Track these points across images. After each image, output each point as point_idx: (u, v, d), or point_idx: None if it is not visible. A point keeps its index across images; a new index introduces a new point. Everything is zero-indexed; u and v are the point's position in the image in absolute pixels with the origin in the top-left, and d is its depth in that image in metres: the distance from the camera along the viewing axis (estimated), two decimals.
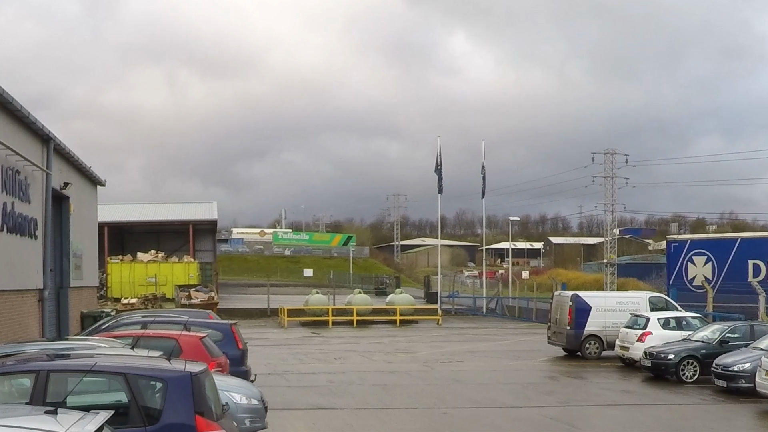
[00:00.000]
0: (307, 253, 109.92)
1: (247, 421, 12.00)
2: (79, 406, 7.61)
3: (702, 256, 34.94)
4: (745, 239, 36.63)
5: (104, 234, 48.59)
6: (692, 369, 21.82)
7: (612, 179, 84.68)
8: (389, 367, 25.04)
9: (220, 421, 8.72)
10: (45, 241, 23.56)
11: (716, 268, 34.61)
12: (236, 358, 16.46)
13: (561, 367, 25.48)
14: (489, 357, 28.15)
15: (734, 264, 34.40)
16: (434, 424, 15.98)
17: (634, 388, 21.13)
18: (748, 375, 18.64)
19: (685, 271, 35.05)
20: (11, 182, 20.12)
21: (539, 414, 17.03)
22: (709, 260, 34.83)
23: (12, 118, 20.38)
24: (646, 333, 24.40)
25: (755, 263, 34.13)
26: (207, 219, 63.85)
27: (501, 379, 22.47)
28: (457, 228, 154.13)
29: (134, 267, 53.93)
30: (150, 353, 10.62)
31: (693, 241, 36.48)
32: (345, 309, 45.28)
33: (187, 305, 39.60)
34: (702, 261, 34.80)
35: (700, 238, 38.82)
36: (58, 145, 25.00)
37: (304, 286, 63.84)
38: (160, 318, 19.24)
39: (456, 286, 59.95)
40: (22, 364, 9.19)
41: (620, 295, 28.89)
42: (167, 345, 12.98)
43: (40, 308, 23.17)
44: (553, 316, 29.53)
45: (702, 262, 34.81)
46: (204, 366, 9.24)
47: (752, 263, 34.12)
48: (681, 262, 35.12)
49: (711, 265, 34.70)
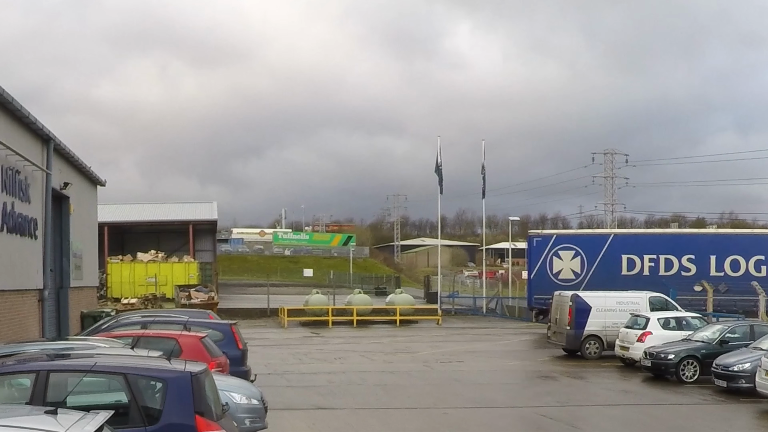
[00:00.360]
0: (307, 253, 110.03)
1: (247, 421, 12.00)
2: (79, 406, 7.61)
3: (570, 250, 35.97)
4: (618, 235, 38.51)
5: (104, 234, 48.57)
6: (692, 369, 21.82)
7: (612, 179, 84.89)
8: (389, 367, 25.04)
9: (220, 421, 8.72)
10: (45, 241, 23.57)
11: (586, 263, 35.72)
12: (236, 358, 16.45)
13: (561, 367, 25.48)
14: (489, 357, 28.14)
15: (607, 259, 35.63)
16: (434, 424, 15.98)
17: (634, 388, 21.14)
18: (748, 375, 18.64)
19: (549, 266, 36.04)
20: (11, 182, 20.12)
21: (539, 414, 17.03)
22: (578, 254, 35.87)
23: (12, 118, 20.38)
24: (646, 333, 24.40)
25: (629, 257, 35.47)
26: (207, 219, 63.85)
27: (501, 379, 22.47)
28: (457, 228, 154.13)
29: (134, 267, 53.91)
30: (150, 353, 10.62)
31: (559, 236, 37.64)
32: (345, 309, 45.25)
33: (187, 305, 39.57)
34: (570, 255, 35.85)
35: (567, 234, 40.12)
36: (58, 145, 25.00)
37: (304, 286, 63.84)
38: (160, 318, 19.24)
39: (456, 286, 59.89)
40: (22, 364, 9.19)
41: (620, 295, 28.87)
42: (167, 345, 12.98)
43: (40, 308, 23.18)
44: (553, 316, 29.53)
45: (570, 256, 35.85)
46: (204, 366, 9.24)
47: (626, 258, 35.47)
48: (545, 257, 36.09)
49: (580, 260, 35.79)
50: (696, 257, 35.65)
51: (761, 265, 35.40)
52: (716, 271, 35.31)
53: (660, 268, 35.55)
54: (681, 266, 35.59)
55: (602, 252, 35.73)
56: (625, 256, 35.70)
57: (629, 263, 35.63)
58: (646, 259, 35.69)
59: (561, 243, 36.14)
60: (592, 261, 35.62)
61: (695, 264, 35.53)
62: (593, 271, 35.59)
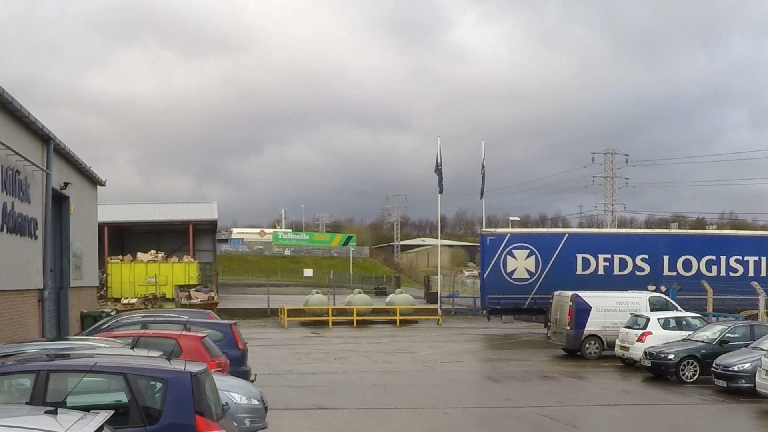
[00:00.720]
0: (307, 253, 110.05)
1: (247, 421, 12.00)
2: (79, 406, 7.60)
3: (524, 249, 36.09)
4: (573, 234, 38.90)
5: (104, 234, 48.58)
6: (692, 369, 21.82)
7: (612, 179, 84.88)
8: (389, 367, 25.04)
9: (220, 421, 8.72)
10: (45, 241, 23.57)
11: (540, 262, 35.91)
12: (236, 358, 16.46)
13: (561, 367, 25.48)
14: (489, 357, 28.14)
15: (561, 258, 35.89)
16: (434, 424, 15.98)
17: (634, 388, 21.14)
18: (748, 375, 18.63)
19: (503, 264, 36.18)
20: (11, 182, 20.12)
21: (539, 414, 17.03)
22: (533, 254, 36.02)
23: (12, 118, 20.39)
24: (646, 333, 24.40)
25: (584, 257, 35.90)
26: (207, 219, 63.87)
27: (501, 379, 22.47)
28: (457, 228, 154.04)
29: (134, 267, 53.93)
30: (150, 353, 10.62)
31: (513, 235, 37.75)
32: (345, 309, 45.24)
33: (187, 305, 39.56)
34: (524, 255, 35.99)
35: (521, 233, 40.32)
36: (58, 145, 25.01)
37: (304, 286, 63.84)
38: (160, 318, 19.26)
39: (456, 286, 59.87)
40: (22, 364, 9.19)
41: (620, 295, 28.89)
42: (167, 345, 12.98)
43: (40, 308, 23.18)
44: (553, 316, 29.54)
45: (524, 255, 35.98)
46: (204, 366, 9.24)
47: (581, 257, 35.89)
48: (499, 255, 36.23)
49: (534, 259, 35.96)
50: (649, 257, 36.11)
51: (712, 264, 35.98)
52: (669, 271, 35.82)
53: (614, 267, 35.93)
54: (635, 266, 35.98)
55: (557, 251, 35.98)
56: (580, 255, 36.03)
57: (584, 263, 35.96)
58: (601, 258, 36.05)
59: (515, 242, 36.30)
60: (547, 260, 35.80)
61: (649, 264, 35.97)
62: (548, 270, 35.77)
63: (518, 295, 35.49)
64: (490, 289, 36.30)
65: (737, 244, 36.84)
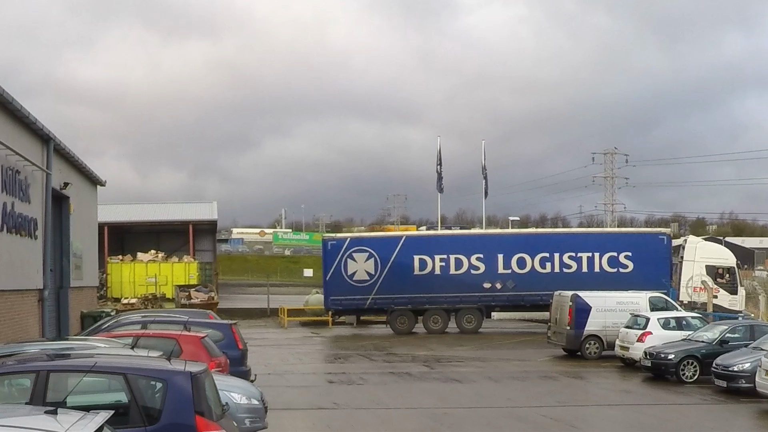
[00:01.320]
0: (307, 253, 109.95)
1: (247, 421, 12.00)
2: (79, 406, 7.61)
3: (363, 252, 37.02)
4: (410, 237, 40.31)
5: (104, 234, 48.54)
6: (692, 369, 21.81)
7: (612, 179, 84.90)
8: (389, 367, 25.04)
9: (220, 421, 8.72)
10: (45, 241, 23.56)
11: (379, 264, 36.89)
12: (236, 358, 16.46)
13: (561, 367, 25.48)
14: (489, 357, 28.13)
15: (399, 260, 36.87)
16: (434, 424, 15.98)
17: (634, 388, 21.14)
18: (748, 375, 18.63)
19: (344, 267, 37.14)
20: (11, 182, 20.12)
21: (539, 414, 17.03)
22: (372, 256, 36.95)
23: (12, 118, 20.38)
24: (646, 333, 24.38)
25: (421, 258, 36.92)
26: (207, 219, 63.85)
27: (501, 379, 22.46)
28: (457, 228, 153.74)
29: (134, 267, 53.90)
30: (150, 353, 10.62)
31: (353, 239, 39.04)
32: None
33: (187, 305, 39.57)
34: (363, 257, 36.90)
35: (361, 236, 41.77)
36: (58, 145, 25.01)
37: (304, 286, 63.80)
38: (160, 318, 19.27)
39: None
40: (22, 364, 9.19)
41: (620, 295, 28.90)
42: (167, 345, 12.98)
43: (40, 308, 23.18)
44: (553, 316, 29.54)
45: (363, 258, 36.90)
46: (204, 366, 9.24)
47: (418, 258, 36.92)
48: (340, 259, 37.17)
49: (373, 261, 36.90)
50: (485, 256, 37.17)
51: (546, 261, 37.09)
52: (504, 269, 37.03)
53: (450, 267, 37.04)
54: (470, 265, 37.03)
55: (395, 253, 36.96)
56: (417, 256, 37.06)
57: (421, 263, 36.99)
58: (437, 259, 37.10)
59: (355, 246, 37.32)
60: (386, 262, 36.81)
61: (484, 263, 37.05)
62: (387, 271, 36.79)
63: (359, 296, 36.80)
64: (333, 291, 37.53)
65: (570, 242, 38.12)
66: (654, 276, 35.24)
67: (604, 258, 36.92)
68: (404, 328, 36.84)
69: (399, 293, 34.11)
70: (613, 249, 37.04)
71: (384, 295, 36.16)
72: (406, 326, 36.95)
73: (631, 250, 36.97)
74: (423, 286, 35.77)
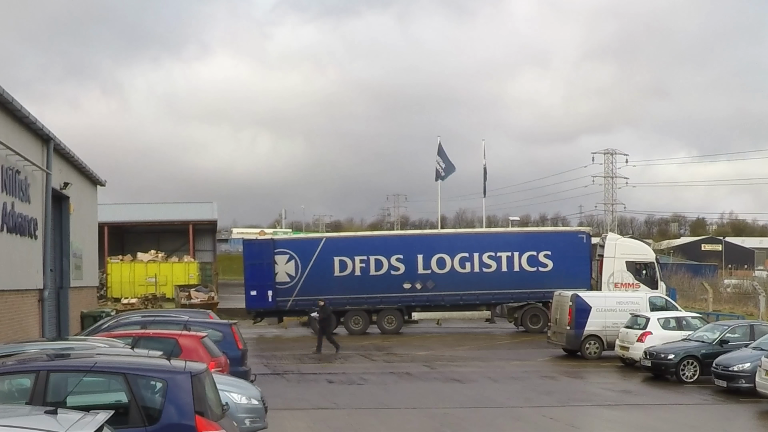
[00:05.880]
0: None
1: (247, 421, 12.00)
2: (79, 406, 7.61)
3: (284, 255, 37.06)
4: (330, 238, 40.58)
5: (104, 234, 48.55)
6: (692, 369, 21.81)
7: (612, 179, 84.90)
8: (389, 367, 25.03)
9: (220, 421, 8.72)
10: (45, 241, 23.57)
11: (300, 266, 36.94)
12: (236, 358, 16.46)
13: (561, 367, 25.48)
14: (489, 357, 28.12)
15: (319, 261, 36.94)
16: (434, 424, 15.98)
17: (634, 388, 21.13)
18: (748, 375, 18.63)
19: (266, 269, 37.13)
20: (11, 182, 20.13)
21: (539, 414, 17.03)
22: (292, 258, 36.99)
23: (12, 118, 20.39)
24: (646, 333, 24.38)
25: (341, 259, 37.03)
26: (207, 219, 63.87)
27: (501, 379, 22.46)
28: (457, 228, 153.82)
29: (134, 267, 53.85)
30: (150, 353, 10.62)
31: (277, 241, 38.93)
32: None
33: (187, 305, 39.57)
34: (284, 260, 36.94)
35: (282, 239, 41.53)
36: (58, 145, 25.01)
37: None
38: (160, 318, 19.27)
39: None
40: (22, 364, 9.20)
41: (620, 295, 28.95)
42: (167, 345, 12.99)
43: (40, 308, 23.19)
44: (553, 316, 29.54)
45: (284, 260, 36.94)
46: (204, 366, 9.25)
47: (338, 260, 37.01)
48: (262, 261, 37.16)
49: (294, 263, 36.92)
50: (404, 257, 37.11)
51: (465, 261, 37.07)
52: (424, 269, 36.94)
53: (371, 268, 37.02)
54: (390, 266, 36.98)
55: (315, 255, 36.97)
56: (337, 258, 37.03)
57: (341, 265, 36.98)
58: (357, 260, 37.07)
59: (277, 248, 37.28)
60: (306, 264, 36.81)
61: (403, 263, 37.00)
62: (307, 273, 36.77)
63: (280, 298, 36.65)
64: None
65: (489, 241, 38.09)
66: (574, 274, 35.45)
67: (523, 257, 36.81)
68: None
69: (319, 294, 33.19)
70: (533, 248, 36.95)
71: (305, 297, 35.75)
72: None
73: (551, 249, 36.91)
74: (344, 288, 35.74)
